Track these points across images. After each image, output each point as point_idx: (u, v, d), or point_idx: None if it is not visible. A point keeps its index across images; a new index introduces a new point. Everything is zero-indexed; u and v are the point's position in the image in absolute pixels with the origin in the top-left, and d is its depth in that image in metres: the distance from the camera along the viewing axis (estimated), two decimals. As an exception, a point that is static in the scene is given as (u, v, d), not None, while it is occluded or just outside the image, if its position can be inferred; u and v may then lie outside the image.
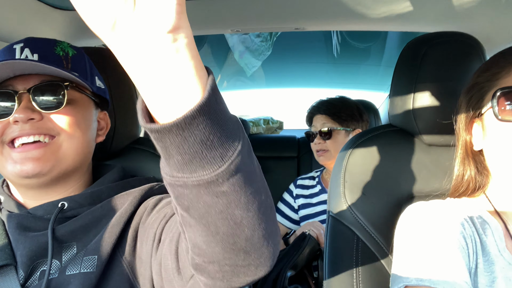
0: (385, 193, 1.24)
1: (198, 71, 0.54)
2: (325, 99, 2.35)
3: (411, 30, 1.77)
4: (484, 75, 1.00)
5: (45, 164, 0.95)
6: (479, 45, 1.22)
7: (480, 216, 0.99)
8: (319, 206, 2.27)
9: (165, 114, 0.54)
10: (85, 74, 1.04)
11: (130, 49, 0.52)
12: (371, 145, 1.30)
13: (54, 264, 0.93)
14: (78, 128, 1.01)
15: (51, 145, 0.96)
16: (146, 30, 0.51)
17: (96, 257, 0.92)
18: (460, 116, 1.06)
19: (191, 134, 0.52)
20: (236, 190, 0.57)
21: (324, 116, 2.27)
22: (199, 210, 0.59)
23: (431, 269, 0.88)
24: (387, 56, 2.93)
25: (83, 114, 1.03)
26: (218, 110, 0.54)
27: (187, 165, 0.55)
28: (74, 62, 1.02)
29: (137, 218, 0.99)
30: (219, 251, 0.63)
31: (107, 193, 1.04)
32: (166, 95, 0.53)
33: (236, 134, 0.57)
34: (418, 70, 1.21)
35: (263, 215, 0.63)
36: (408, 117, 1.24)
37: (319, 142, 2.26)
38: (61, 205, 0.98)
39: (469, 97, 1.02)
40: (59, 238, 0.95)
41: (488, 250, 0.94)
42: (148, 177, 1.17)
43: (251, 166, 0.61)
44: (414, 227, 0.98)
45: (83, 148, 1.03)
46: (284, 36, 2.64)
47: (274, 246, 0.67)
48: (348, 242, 1.22)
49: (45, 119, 0.96)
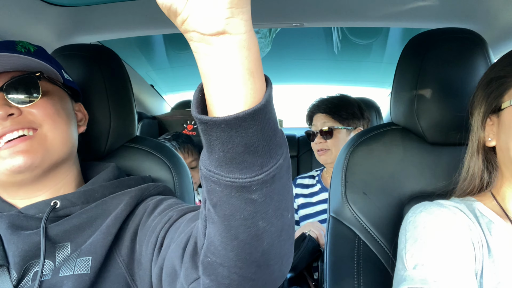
0: (387, 193, 1.24)
1: (255, 76, 0.56)
2: (325, 98, 2.34)
3: (413, 26, 1.77)
4: (507, 69, 0.99)
5: (35, 155, 0.95)
6: (483, 41, 1.22)
7: (486, 216, 0.99)
8: (319, 205, 2.27)
9: (219, 108, 0.56)
10: (51, 66, 1.04)
11: (190, 39, 0.56)
12: (372, 144, 1.30)
13: (48, 265, 0.93)
14: (59, 117, 1.01)
15: (36, 137, 0.97)
16: (192, 27, 0.54)
17: (91, 258, 0.91)
18: (476, 110, 1.05)
19: (238, 134, 0.55)
20: (265, 201, 0.59)
21: (325, 115, 2.27)
22: (225, 211, 0.60)
23: (436, 270, 0.88)
24: (389, 53, 2.93)
25: (61, 104, 1.04)
26: (270, 120, 0.56)
27: (227, 164, 0.57)
28: (37, 57, 1.02)
29: (135, 219, 0.98)
30: (233, 257, 0.64)
31: (101, 192, 1.04)
32: (223, 91, 0.55)
33: (280, 148, 0.59)
34: (420, 67, 1.21)
35: (285, 233, 0.64)
36: (411, 115, 1.24)
37: (320, 141, 2.26)
38: (54, 203, 0.98)
39: (489, 92, 1.01)
40: (52, 238, 0.95)
41: (494, 251, 0.93)
42: (144, 176, 1.16)
43: (286, 183, 0.62)
44: (419, 228, 0.98)
45: (69, 137, 1.03)
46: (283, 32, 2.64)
47: (286, 267, 0.69)
48: (349, 243, 1.23)
49: (24, 113, 0.96)
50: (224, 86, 0.55)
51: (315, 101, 2.36)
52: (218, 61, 0.55)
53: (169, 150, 1.37)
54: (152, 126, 2.79)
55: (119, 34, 1.84)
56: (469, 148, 1.07)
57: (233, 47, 0.54)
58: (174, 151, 1.38)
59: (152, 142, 1.38)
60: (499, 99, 0.99)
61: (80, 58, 1.26)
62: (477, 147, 1.05)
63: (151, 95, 3.32)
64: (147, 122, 2.73)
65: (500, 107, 0.98)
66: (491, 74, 1.02)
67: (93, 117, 1.22)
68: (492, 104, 1.00)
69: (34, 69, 0.99)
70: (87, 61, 1.26)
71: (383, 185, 1.25)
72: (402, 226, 1.05)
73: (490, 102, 1.01)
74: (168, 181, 1.29)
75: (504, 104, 0.97)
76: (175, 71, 3.41)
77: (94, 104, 1.24)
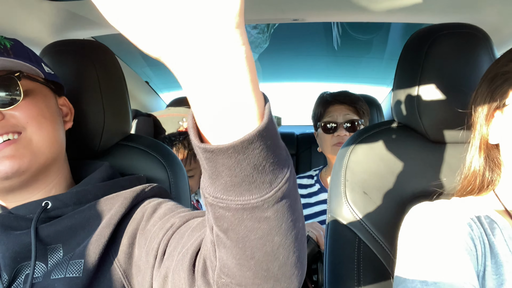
0: (388, 193, 1.24)
1: (256, 90, 0.53)
2: (339, 91, 2.31)
3: (415, 21, 1.77)
4: (511, 64, 0.98)
5: (21, 160, 0.94)
6: (486, 37, 1.22)
7: (488, 215, 0.99)
8: (318, 206, 2.27)
9: (220, 134, 0.53)
10: (30, 62, 1.02)
11: (184, 46, 0.50)
12: (373, 142, 1.30)
13: (40, 267, 0.92)
14: (44, 118, 1.00)
15: (21, 140, 0.95)
16: (210, 16, 0.48)
17: (83, 261, 0.91)
18: (479, 106, 1.05)
19: (245, 157, 0.52)
20: (279, 217, 0.58)
21: (345, 106, 2.24)
22: (238, 234, 0.59)
23: (437, 273, 0.88)
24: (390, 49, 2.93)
25: (45, 103, 1.02)
26: (273, 136, 0.54)
27: (235, 187, 0.55)
28: (15, 51, 1.00)
29: (133, 223, 0.97)
30: (250, 276, 0.63)
31: (94, 193, 1.03)
32: (223, 112, 0.52)
33: (286, 161, 0.58)
34: (422, 63, 1.21)
35: (299, 243, 0.64)
36: (413, 112, 1.24)
37: (345, 134, 2.23)
38: (45, 204, 0.98)
39: (494, 88, 1.01)
40: (43, 239, 0.95)
41: (497, 252, 0.93)
42: (139, 176, 1.16)
43: (296, 193, 0.61)
44: (420, 228, 0.98)
45: (55, 137, 1.02)
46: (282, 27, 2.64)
47: (302, 275, 0.68)
48: (349, 244, 1.23)
49: (7, 116, 0.95)
50: (232, 101, 0.51)
51: (327, 92, 2.33)
52: (232, 67, 0.50)
53: (165, 148, 1.36)
54: (147, 123, 2.78)
55: (113, 30, 1.82)
56: (471, 145, 1.07)
57: (245, 49, 0.51)
58: (170, 149, 1.37)
59: (147, 140, 1.37)
60: (504, 95, 0.99)
61: (73, 54, 1.26)
62: (479, 145, 1.05)
63: (146, 92, 3.31)
64: (142, 120, 2.72)
65: (505, 103, 0.98)
66: (495, 69, 1.02)
67: (86, 114, 1.22)
68: (496, 100, 1.00)
69: (13, 68, 0.97)
70: (80, 57, 1.25)
71: (384, 184, 1.25)
72: (403, 226, 1.05)
73: (495, 98, 1.00)
74: (163, 180, 1.29)
75: (509, 100, 0.97)
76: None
77: (87, 101, 1.23)
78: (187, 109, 2.85)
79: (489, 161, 1.04)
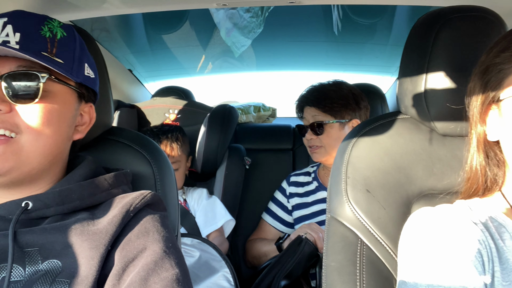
0: (393, 190, 1.24)
1: None
2: (316, 87, 2.31)
3: (423, 4, 1.77)
4: (503, 55, 0.98)
5: (3, 163, 0.94)
6: (500, 21, 1.22)
7: (495, 218, 0.99)
8: (316, 205, 2.27)
9: None
10: (72, 61, 1.03)
11: None
12: (377, 135, 1.30)
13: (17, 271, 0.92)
14: (49, 125, 1.00)
15: (12, 144, 0.95)
16: None
17: (69, 281, 0.90)
18: (473, 102, 1.05)
19: None
20: None
21: (314, 108, 2.25)
22: None
23: (441, 279, 0.88)
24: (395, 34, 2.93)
25: (59, 109, 1.02)
26: None
27: None
28: (60, 46, 1.01)
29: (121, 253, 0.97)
30: None
31: (79, 193, 1.02)
32: None
33: None
34: (430, 50, 1.20)
35: None
36: (420, 103, 1.24)
37: (311, 137, 2.24)
38: (25, 204, 0.97)
39: (487, 80, 1.01)
40: (21, 243, 0.94)
41: (506, 257, 0.93)
42: (125, 172, 1.16)
43: None
44: (422, 235, 0.98)
45: (52, 148, 1.02)
46: (277, 11, 2.63)
47: None
48: (350, 247, 1.22)
49: (13, 112, 0.96)
50: None
51: (305, 91, 2.33)
52: None
53: (149, 142, 1.36)
54: (130, 115, 2.77)
55: (93, 13, 1.82)
56: (469, 143, 1.07)
57: None
58: (155, 144, 1.37)
59: (130, 133, 1.37)
60: (498, 89, 0.98)
61: (48, 39, 1.25)
62: (477, 142, 1.05)
63: (129, 81, 3.30)
64: (125, 111, 2.72)
65: (499, 97, 0.98)
66: (486, 61, 1.02)
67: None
68: (490, 95, 1.00)
69: (46, 64, 0.97)
70: (56, 42, 1.24)
71: (389, 181, 1.25)
72: (403, 233, 1.05)
73: (488, 92, 1.00)
74: (148, 177, 1.29)
75: (503, 94, 0.97)
76: (156, 54, 3.40)
77: (64, 91, 1.22)
78: (174, 100, 2.85)
79: (490, 159, 1.04)
